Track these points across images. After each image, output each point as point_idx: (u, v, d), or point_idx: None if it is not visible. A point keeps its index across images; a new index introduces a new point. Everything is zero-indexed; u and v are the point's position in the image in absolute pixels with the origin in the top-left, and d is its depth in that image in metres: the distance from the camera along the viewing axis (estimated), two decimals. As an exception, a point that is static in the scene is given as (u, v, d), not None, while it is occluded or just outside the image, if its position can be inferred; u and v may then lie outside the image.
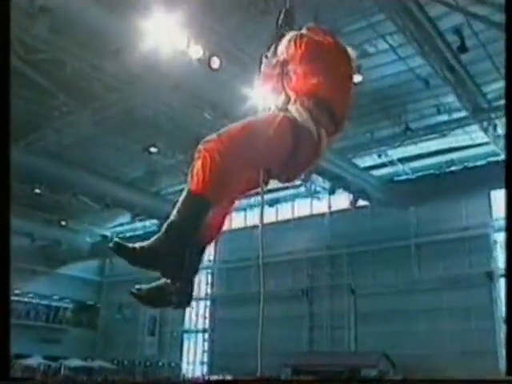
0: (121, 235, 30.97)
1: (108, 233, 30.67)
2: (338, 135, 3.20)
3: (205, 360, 28.37)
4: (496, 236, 20.32)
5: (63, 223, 26.35)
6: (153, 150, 19.74)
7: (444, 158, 20.95)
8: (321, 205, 25.38)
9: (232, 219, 25.97)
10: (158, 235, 2.55)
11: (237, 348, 22.82)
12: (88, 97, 16.08)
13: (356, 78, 3.77)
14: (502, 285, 19.48)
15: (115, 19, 11.32)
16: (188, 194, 2.57)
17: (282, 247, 23.18)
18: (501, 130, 16.72)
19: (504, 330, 18.51)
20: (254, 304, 2.85)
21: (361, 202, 22.12)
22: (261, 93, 3.57)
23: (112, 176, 22.14)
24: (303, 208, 26.41)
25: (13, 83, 2.85)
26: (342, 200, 23.34)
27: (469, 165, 20.95)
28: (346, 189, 21.08)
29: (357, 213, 22.87)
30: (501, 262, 19.68)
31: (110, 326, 32.58)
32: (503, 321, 18.69)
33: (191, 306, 21.36)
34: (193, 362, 29.30)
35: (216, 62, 12.35)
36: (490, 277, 19.99)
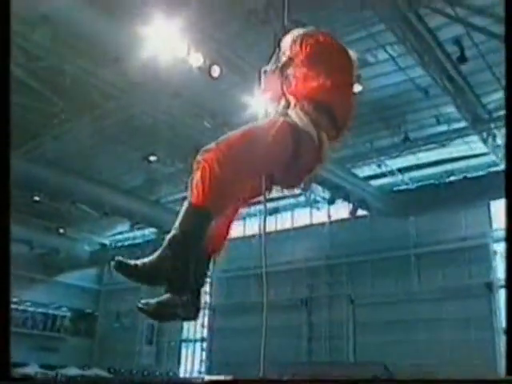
0: (120, 244, 30.94)
1: (107, 241, 30.61)
2: (340, 140, 3.17)
3: (202, 369, 28.20)
4: (496, 246, 20.24)
5: (61, 231, 26.24)
6: (152, 159, 19.73)
7: (443, 168, 20.98)
8: (320, 214, 25.34)
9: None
10: (160, 250, 2.49)
11: (235, 357, 22.68)
12: (87, 105, 16.07)
13: (356, 88, 3.73)
14: (502, 296, 19.40)
15: (115, 27, 11.33)
16: (189, 207, 2.51)
17: (281, 257, 23.09)
18: (500, 141, 16.72)
19: (503, 341, 18.47)
20: (253, 313, 2.83)
21: (360, 212, 22.08)
22: (261, 101, 3.55)
23: (111, 184, 22.08)
24: (303, 217, 26.33)
25: (12, 91, 2.81)
26: (342, 210, 23.29)
27: (468, 175, 20.96)
28: (346, 198, 21.04)
29: (356, 223, 22.82)
30: (500, 273, 19.62)
31: (108, 335, 32.39)
32: (503, 331, 18.63)
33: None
34: (190, 372, 29.14)
35: (216, 71, 12.35)
36: (490, 287, 19.90)
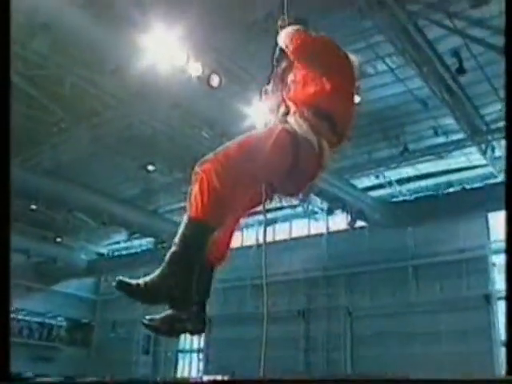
0: (117, 253, 30.85)
1: (104, 250, 30.50)
2: (341, 147, 3.13)
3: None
4: (494, 258, 20.17)
5: (58, 240, 26.12)
6: (150, 168, 19.69)
7: (442, 180, 20.96)
8: (318, 225, 25.28)
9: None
10: (162, 267, 2.44)
11: (232, 368, 22.52)
12: (86, 113, 16.07)
13: (356, 98, 3.69)
14: (500, 307, 19.34)
15: (114, 36, 11.31)
16: (188, 221, 2.46)
17: (279, 267, 22.98)
18: (498, 152, 16.73)
19: (502, 353, 18.41)
20: (250, 324, 2.80)
21: (358, 223, 22.03)
22: (261, 111, 3.52)
23: (109, 193, 22.02)
24: (301, 228, 26.26)
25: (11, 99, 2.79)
26: (340, 220, 23.25)
27: (466, 186, 20.95)
28: (344, 209, 21.02)
29: (354, 234, 22.75)
30: (498, 285, 19.54)
31: (104, 345, 32.13)
32: (501, 343, 18.57)
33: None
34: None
35: (215, 80, 12.33)
36: (488, 299, 19.80)
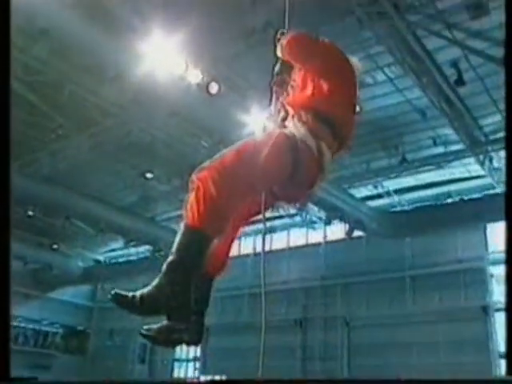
0: (114, 260, 30.76)
1: (101, 257, 30.41)
2: (343, 153, 3.10)
3: (195, 389, 27.90)
4: (492, 269, 20.12)
5: (55, 247, 26.03)
6: (148, 176, 19.68)
7: (440, 190, 20.92)
8: (316, 235, 25.24)
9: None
10: (158, 278, 2.39)
11: (228, 377, 22.41)
12: (85, 121, 16.05)
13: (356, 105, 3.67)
14: (498, 319, 19.28)
15: (113, 42, 11.31)
16: (185, 230, 2.41)
17: (277, 276, 22.93)
18: (497, 163, 16.73)
19: (500, 364, 18.37)
20: (247, 333, 2.77)
21: (356, 233, 21.99)
22: (260, 119, 3.51)
23: (107, 200, 21.98)
24: (298, 238, 26.21)
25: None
26: (338, 230, 23.23)
27: (465, 197, 20.92)
28: (342, 219, 20.98)
29: (352, 243, 22.73)
30: (496, 296, 19.50)
31: (100, 353, 31.98)
32: (499, 355, 18.52)
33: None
34: (183, 391, 28.86)
35: (214, 87, 12.33)
36: (486, 311, 19.75)
